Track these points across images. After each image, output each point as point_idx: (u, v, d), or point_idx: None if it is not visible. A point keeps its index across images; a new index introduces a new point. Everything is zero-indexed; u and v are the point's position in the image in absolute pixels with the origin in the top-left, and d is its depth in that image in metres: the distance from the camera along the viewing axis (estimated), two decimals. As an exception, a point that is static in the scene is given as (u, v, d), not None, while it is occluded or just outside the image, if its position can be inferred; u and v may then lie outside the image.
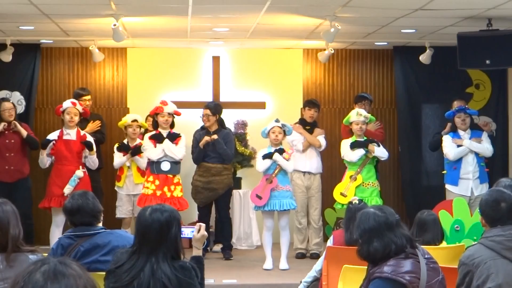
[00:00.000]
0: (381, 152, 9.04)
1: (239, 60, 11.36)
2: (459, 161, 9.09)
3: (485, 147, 9.10)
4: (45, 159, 8.88)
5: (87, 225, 4.98)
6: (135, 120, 9.67)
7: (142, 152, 9.34)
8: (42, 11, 8.23)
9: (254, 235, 10.46)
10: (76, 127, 8.97)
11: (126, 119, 9.76)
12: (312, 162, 9.81)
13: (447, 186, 9.19)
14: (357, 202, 6.32)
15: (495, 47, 8.57)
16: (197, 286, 4.03)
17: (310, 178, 9.81)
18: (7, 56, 9.86)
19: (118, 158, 9.59)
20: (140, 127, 9.72)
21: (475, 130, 9.36)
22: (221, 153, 9.32)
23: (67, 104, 8.96)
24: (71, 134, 8.88)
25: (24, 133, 9.17)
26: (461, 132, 9.13)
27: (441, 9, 8.06)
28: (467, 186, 9.04)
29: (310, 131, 9.84)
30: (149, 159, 9.03)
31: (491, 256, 4.19)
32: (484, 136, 9.23)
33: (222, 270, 8.81)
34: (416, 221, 6.02)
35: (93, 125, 9.80)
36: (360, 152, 8.94)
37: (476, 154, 9.10)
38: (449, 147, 9.11)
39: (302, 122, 9.91)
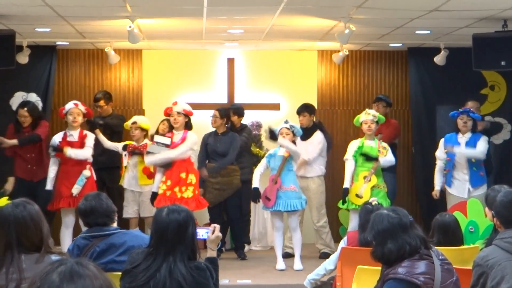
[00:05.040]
0: (387, 162, 9.05)
1: (254, 62, 11.36)
2: (451, 163, 9.10)
3: (478, 150, 9.04)
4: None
5: (102, 226, 5.00)
6: (134, 122, 9.67)
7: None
8: (58, 13, 8.27)
9: (269, 236, 10.46)
10: (79, 128, 9.03)
11: (128, 122, 9.79)
12: (312, 169, 9.81)
13: (446, 187, 9.25)
14: (376, 203, 6.30)
15: (510, 48, 8.53)
16: (212, 287, 4.04)
17: (307, 181, 9.80)
18: (23, 58, 9.89)
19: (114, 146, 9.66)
20: (142, 129, 9.65)
21: (477, 133, 9.28)
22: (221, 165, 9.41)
23: (69, 105, 9.05)
24: (74, 135, 8.96)
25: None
26: (459, 136, 9.11)
27: (456, 10, 8.03)
28: (463, 188, 9.05)
29: (305, 137, 9.70)
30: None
31: (506, 257, 4.17)
32: (483, 140, 9.16)
33: (237, 271, 8.83)
34: (437, 224, 6.02)
35: None
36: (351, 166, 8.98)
37: (469, 158, 9.06)
38: (439, 152, 9.28)
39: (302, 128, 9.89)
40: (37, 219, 4.14)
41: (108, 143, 9.54)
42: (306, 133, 9.71)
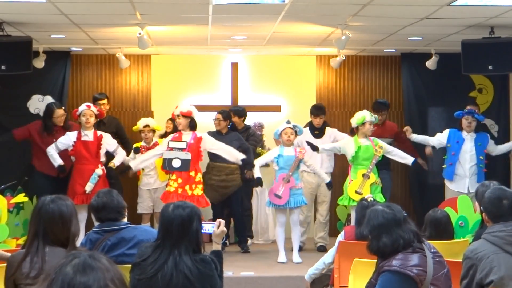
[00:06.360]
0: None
1: (256, 66, 11.35)
2: (455, 158, 9.09)
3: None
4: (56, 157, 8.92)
5: (113, 221, 4.99)
6: (146, 125, 9.64)
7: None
8: (72, 21, 8.26)
9: (271, 230, 10.45)
10: (93, 128, 9.01)
11: (139, 125, 9.74)
12: (323, 164, 9.82)
13: (445, 182, 9.24)
14: (371, 199, 6.27)
15: (497, 54, 8.53)
16: (217, 278, 4.03)
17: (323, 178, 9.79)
18: (40, 63, 9.90)
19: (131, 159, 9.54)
20: (154, 130, 9.67)
21: (481, 132, 9.31)
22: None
23: (82, 107, 9.04)
24: (88, 135, 8.95)
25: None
26: (464, 133, 9.12)
27: (446, 17, 8.02)
28: (463, 184, 9.05)
29: (320, 135, 9.81)
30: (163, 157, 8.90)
31: (494, 251, 4.16)
32: (491, 143, 9.34)
33: (240, 263, 8.81)
34: (429, 219, 6.00)
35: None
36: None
37: (477, 155, 9.06)
38: (440, 136, 9.39)
39: (311, 127, 9.89)
40: (67, 217, 4.12)
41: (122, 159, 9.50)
42: (321, 132, 9.85)
